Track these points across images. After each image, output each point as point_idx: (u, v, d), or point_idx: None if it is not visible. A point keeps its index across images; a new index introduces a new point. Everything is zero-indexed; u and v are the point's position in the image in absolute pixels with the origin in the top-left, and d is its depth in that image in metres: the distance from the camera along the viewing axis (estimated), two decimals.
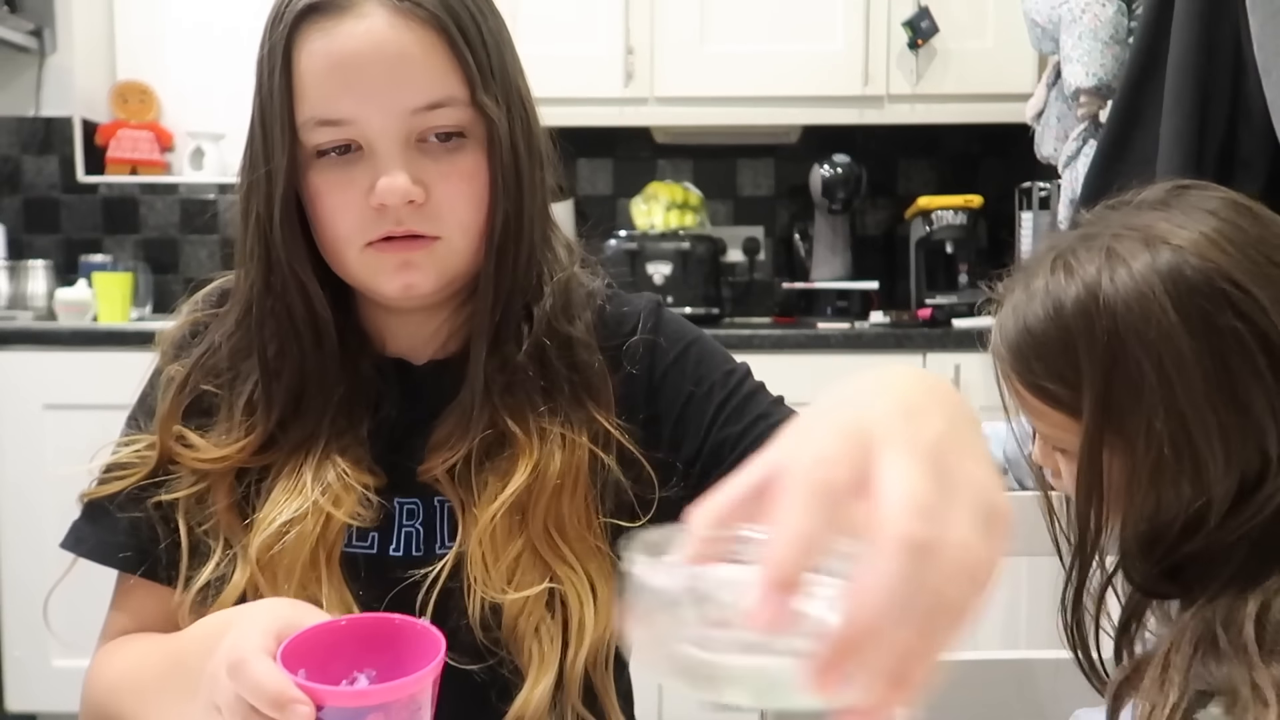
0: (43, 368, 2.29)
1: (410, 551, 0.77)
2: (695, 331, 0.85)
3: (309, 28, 0.71)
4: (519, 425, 0.75)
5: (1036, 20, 1.81)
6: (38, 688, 2.30)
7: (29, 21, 2.70)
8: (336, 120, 0.71)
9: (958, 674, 0.92)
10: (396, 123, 0.71)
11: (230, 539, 0.75)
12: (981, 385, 2.26)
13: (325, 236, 0.74)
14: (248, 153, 0.75)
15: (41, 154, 2.83)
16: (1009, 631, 2.29)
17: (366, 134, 0.71)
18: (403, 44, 0.70)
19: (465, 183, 0.73)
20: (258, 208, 0.74)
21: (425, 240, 0.73)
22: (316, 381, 0.77)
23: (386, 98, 0.70)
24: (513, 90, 0.75)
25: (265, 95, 0.73)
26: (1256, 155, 1.35)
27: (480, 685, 0.74)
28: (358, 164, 0.72)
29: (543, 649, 0.73)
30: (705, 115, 2.53)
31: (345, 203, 0.72)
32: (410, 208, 0.72)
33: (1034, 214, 2.33)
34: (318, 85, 0.71)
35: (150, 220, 2.87)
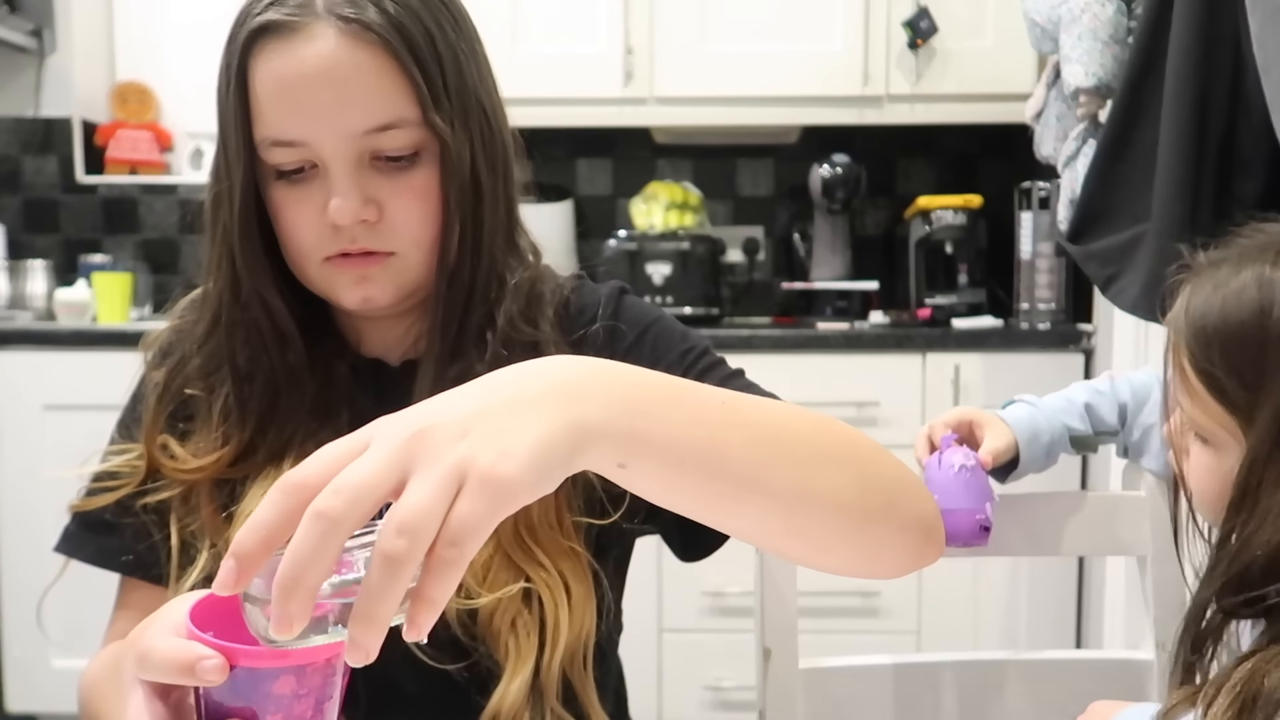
0: (42, 368, 2.29)
1: None
2: (656, 314, 0.86)
3: (262, 48, 0.72)
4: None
5: (1036, 20, 1.81)
6: (38, 688, 2.30)
7: (29, 21, 2.70)
8: (290, 141, 0.72)
9: (958, 674, 0.92)
10: (347, 144, 0.72)
11: (214, 540, 0.76)
12: (982, 385, 2.27)
13: (287, 251, 0.76)
14: (214, 165, 0.77)
15: (41, 154, 2.83)
16: (1009, 631, 2.29)
17: (319, 154, 0.72)
18: (351, 66, 0.71)
19: (418, 200, 0.74)
20: (223, 219, 0.75)
21: (380, 256, 0.75)
22: (289, 385, 0.78)
23: (336, 120, 0.71)
24: (471, 104, 0.75)
25: (223, 112, 0.74)
26: (1256, 154, 1.35)
27: (459, 683, 0.74)
28: (314, 182, 0.73)
29: (519, 644, 0.73)
30: (705, 115, 2.53)
31: (303, 220, 0.74)
32: (364, 226, 0.73)
33: (1034, 214, 2.33)
34: (271, 107, 0.72)
35: (150, 220, 2.87)
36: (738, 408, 0.58)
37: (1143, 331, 1.92)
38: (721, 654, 2.27)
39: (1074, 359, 2.25)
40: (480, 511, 0.43)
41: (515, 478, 0.44)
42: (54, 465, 2.45)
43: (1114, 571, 2.03)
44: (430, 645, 0.73)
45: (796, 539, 0.61)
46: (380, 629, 0.42)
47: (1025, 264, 2.36)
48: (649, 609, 2.25)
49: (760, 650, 0.89)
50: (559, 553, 0.75)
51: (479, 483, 0.43)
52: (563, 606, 0.74)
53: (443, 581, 0.43)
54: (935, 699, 0.91)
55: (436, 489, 0.42)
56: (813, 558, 0.64)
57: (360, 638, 0.42)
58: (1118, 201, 1.58)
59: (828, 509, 0.60)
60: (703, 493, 0.55)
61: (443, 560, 0.42)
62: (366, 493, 0.42)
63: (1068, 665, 0.93)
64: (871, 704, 0.90)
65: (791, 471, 0.58)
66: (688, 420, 0.53)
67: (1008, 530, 0.92)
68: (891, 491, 0.64)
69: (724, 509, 0.56)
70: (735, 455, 0.55)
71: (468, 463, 0.43)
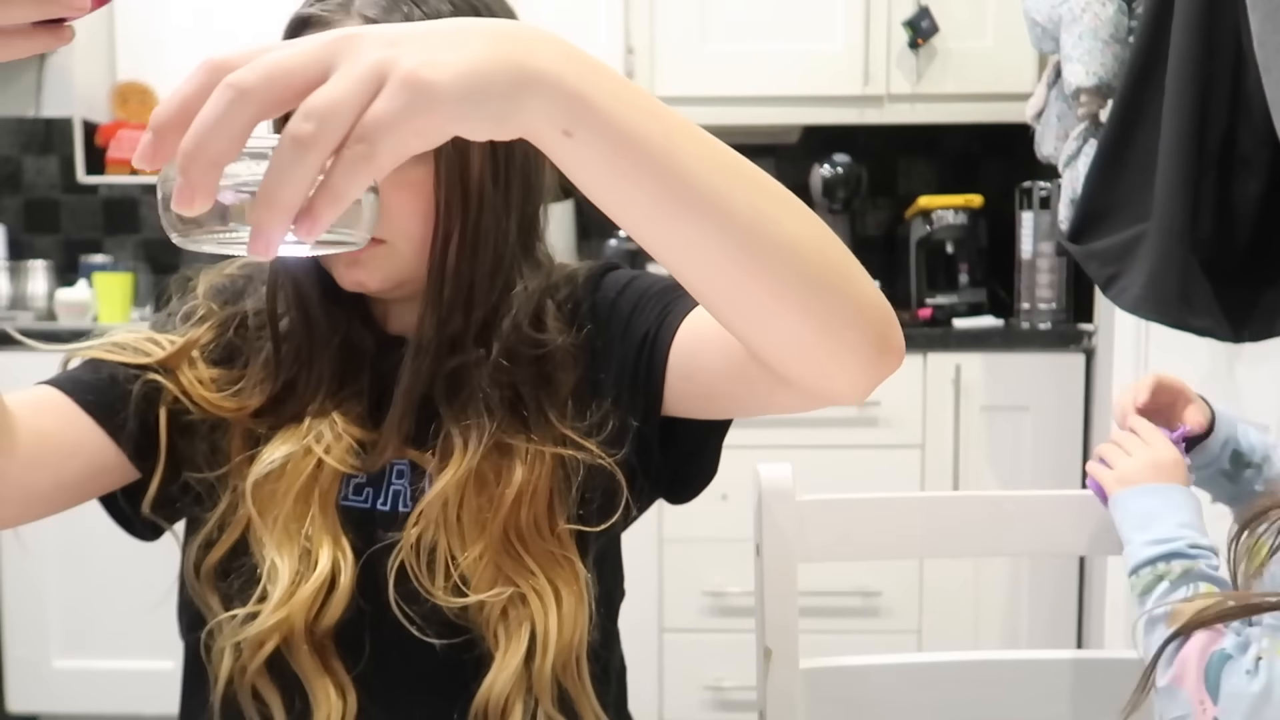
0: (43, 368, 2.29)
1: (396, 507, 0.79)
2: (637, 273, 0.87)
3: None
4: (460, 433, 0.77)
5: (1037, 19, 1.81)
6: (38, 688, 2.30)
7: None
8: None
9: (958, 674, 0.92)
10: None
11: (238, 483, 0.78)
12: (982, 385, 2.27)
13: None
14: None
15: (42, 154, 2.83)
16: (1009, 631, 2.29)
17: None
18: None
19: (410, 194, 0.76)
20: None
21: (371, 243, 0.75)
22: (319, 349, 0.82)
23: None
24: None
25: None
26: (1257, 153, 1.35)
27: (447, 663, 0.75)
28: None
29: (509, 633, 0.74)
30: (705, 115, 2.53)
31: None
32: None
33: (1034, 214, 2.33)
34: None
35: (150, 220, 2.88)
36: (698, 130, 0.54)
37: (1143, 331, 1.92)
38: (721, 654, 2.27)
39: (1075, 359, 2.25)
40: (396, 109, 0.42)
41: (439, 84, 0.43)
42: None
43: (1114, 571, 2.03)
44: (421, 618, 0.74)
45: (747, 276, 0.56)
46: (282, 214, 0.41)
47: (1026, 264, 2.36)
48: (649, 609, 2.25)
49: (760, 650, 0.89)
50: (550, 561, 0.76)
51: (399, 83, 0.42)
52: (552, 615, 0.74)
53: (349, 175, 0.42)
54: (935, 699, 0.91)
55: (353, 82, 0.42)
56: (763, 317, 0.59)
57: (262, 222, 0.41)
58: (1118, 201, 1.58)
59: (785, 248, 0.55)
60: (651, 188, 0.52)
61: (352, 154, 0.42)
62: (281, 75, 0.42)
63: (1068, 665, 0.93)
64: (872, 704, 0.90)
65: (749, 196, 0.54)
66: (642, 110, 0.51)
67: (1008, 530, 0.92)
68: (850, 264, 0.60)
69: (671, 216, 0.53)
70: (689, 162, 0.52)
71: (391, 63, 0.43)
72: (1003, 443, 2.27)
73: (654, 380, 0.79)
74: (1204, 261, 1.39)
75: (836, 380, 0.62)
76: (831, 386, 0.63)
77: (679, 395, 0.80)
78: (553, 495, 0.77)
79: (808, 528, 0.89)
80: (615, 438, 0.79)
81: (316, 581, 0.73)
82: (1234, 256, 1.39)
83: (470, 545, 0.75)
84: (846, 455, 2.24)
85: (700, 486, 0.86)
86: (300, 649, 0.74)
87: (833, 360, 0.61)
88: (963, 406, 2.25)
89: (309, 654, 0.74)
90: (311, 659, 0.74)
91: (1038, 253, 2.34)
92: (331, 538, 0.76)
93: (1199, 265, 1.39)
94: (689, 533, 2.20)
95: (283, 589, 0.73)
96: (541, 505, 0.77)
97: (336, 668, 0.75)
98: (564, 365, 0.80)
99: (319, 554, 0.75)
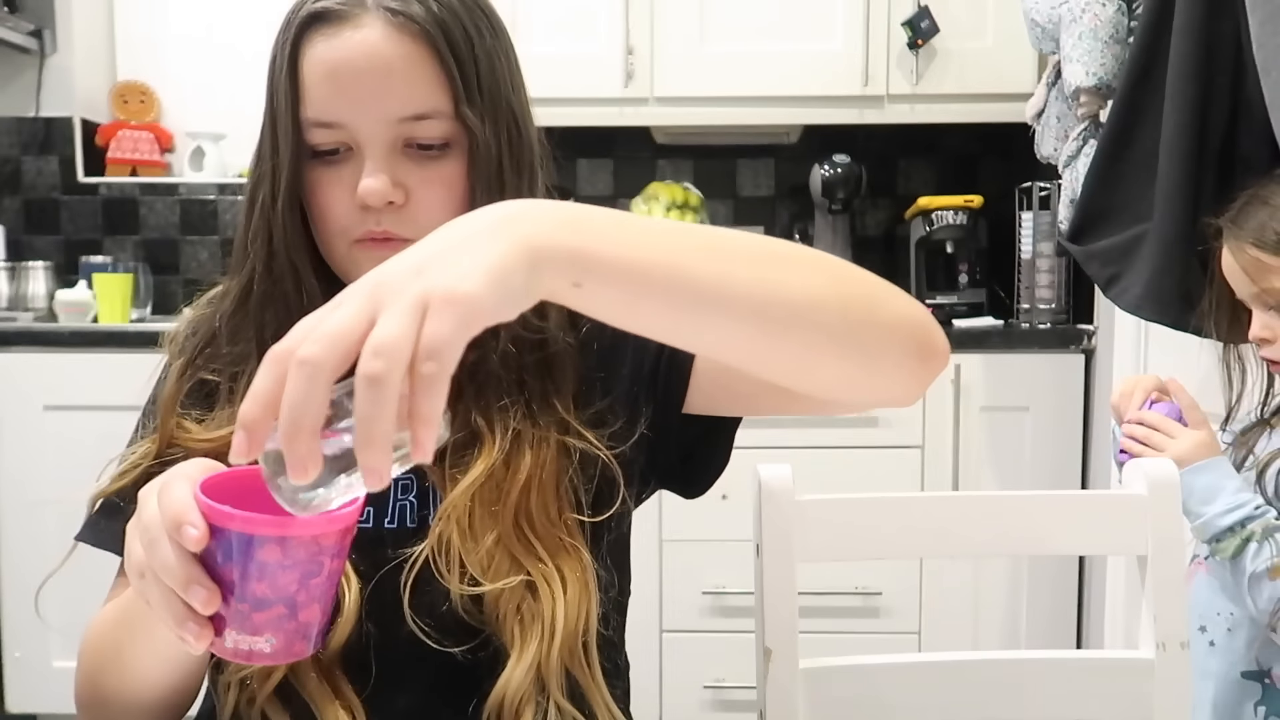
0: (43, 369, 2.29)
1: (404, 523, 0.79)
2: None
3: (313, 34, 0.76)
4: (486, 422, 0.78)
5: (1036, 20, 1.82)
6: (38, 688, 2.30)
7: (29, 22, 2.70)
8: (330, 123, 0.76)
9: (958, 674, 0.92)
10: (383, 129, 0.75)
11: None
12: (982, 385, 2.27)
13: (319, 230, 0.79)
14: (259, 147, 0.80)
15: (42, 155, 2.83)
16: (1009, 631, 2.29)
17: (356, 137, 0.76)
18: (394, 56, 0.75)
19: (445, 189, 0.77)
20: (264, 197, 0.78)
21: (403, 242, 0.76)
22: None
23: (375, 105, 0.75)
24: (501, 105, 0.79)
25: (273, 94, 0.78)
26: (1257, 154, 1.35)
27: (466, 668, 0.75)
28: (348, 164, 0.77)
29: (524, 629, 0.74)
30: (705, 115, 2.53)
31: (335, 199, 0.77)
32: (390, 209, 0.76)
33: (1034, 214, 2.33)
34: (316, 89, 0.76)
35: (150, 221, 2.87)
36: (690, 229, 0.60)
37: (1143, 331, 1.92)
38: (721, 654, 2.27)
39: (1075, 359, 2.25)
40: (449, 327, 0.47)
41: (476, 293, 0.48)
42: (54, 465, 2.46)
43: (1114, 571, 2.03)
44: (436, 629, 0.74)
45: (777, 347, 0.60)
46: (382, 449, 0.46)
47: (1026, 264, 2.36)
48: (649, 609, 2.25)
49: (760, 650, 0.89)
50: (557, 548, 0.76)
51: (442, 303, 0.47)
52: (559, 601, 0.74)
53: (429, 397, 0.46)
54: (935, 699, 0.91)
55: (403, 316, 0.46)
56: (803, 372, 0.63)
57: (370, 461, 0.46)
58: (1118, 201, 1.59)
59: (803, 309, 0.60)
60: (665, 308, 0.57)
61: (424, 377, 0.46)
62: (341, 337, 0.46)
63: (1068, 665, 0.93)
64: (872, 704, 0.90)
65: (752, 272, 0.59)
66: (636, 239, 0.56)
67: (1008, 530, 0.92)
68: (870, 290, 0.64)
69: (691, 323, 0.58)
70: (692, 266, 0.57)
71: (429, 291, 0.47)
72: (1003, 443, 2.27)
73: (673, 391, 0.81)
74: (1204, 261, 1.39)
75: (885, 395, 0.67)
76: (881, 400, 0.69)
77: (706, 399, 0.81)
78: (558, 482, 0.78)
79: (808, 528, 0.88)
80: (619, 434, 0.80)
81: None
82: None
83: (485, 534, 0.75)
84: (846, 455, 2.24)
85: (713, 478, 0.87)
86: (308, 675, 0.73)
87: (878, 382, 0.65)
88: (962, 407, 2.25)
89: (317, 680, 0.74)
90: (320, 685, 0.74)
91: (1037, 253, 2.34)
92: None
93: (1199, 265, 1.40)
94: (689, 533, 2.20)
95: None
96: (549, 492, 0.77)
97: (345, 690, 0.74)
98: (566, 354, 0.81)
99: None
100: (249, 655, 0.54)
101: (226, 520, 0.52)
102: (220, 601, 0.53)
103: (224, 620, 0.53)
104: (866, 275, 0.65)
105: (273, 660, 0.54)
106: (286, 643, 0.54)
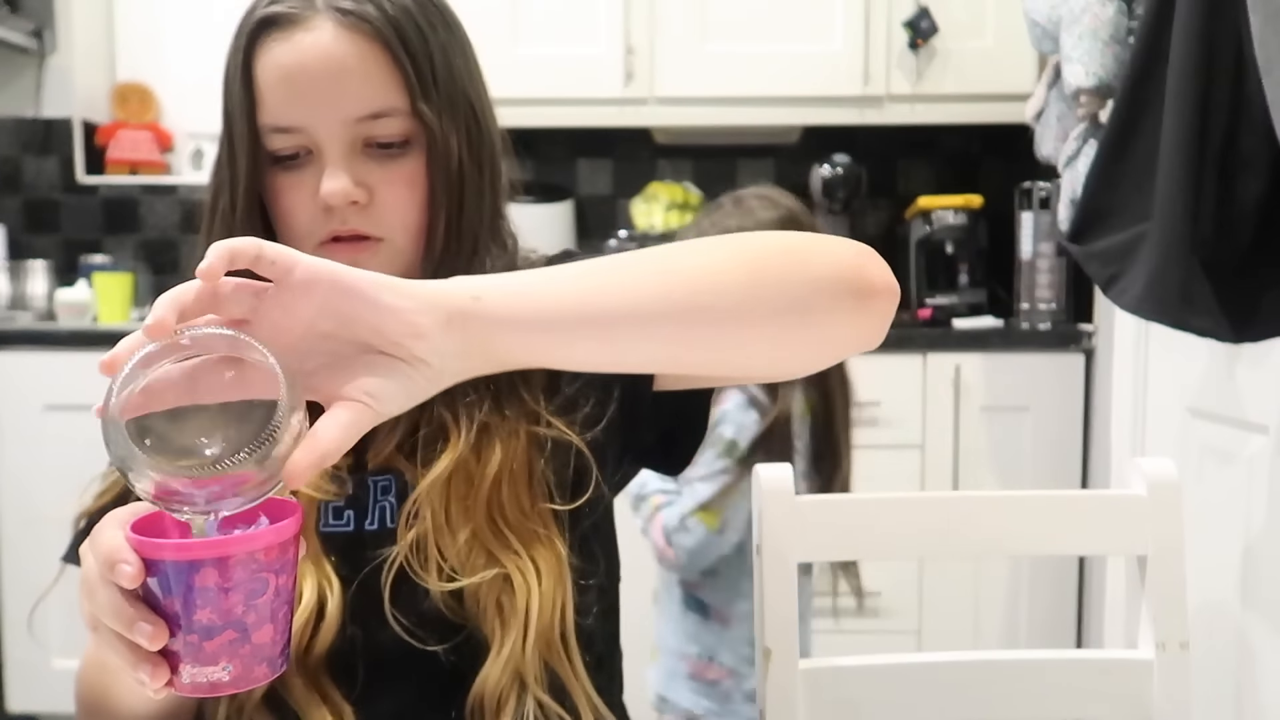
0: (43, 368, 2.29)
1: (385, 524, 0.78)
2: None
3: (266, 39, 0.76)
4: (452, 416, 0.78)
5: (1036, 20, 1.81)
6: (38, 688, 2.30)
7: (29, 22, 2.70)
8: (288, 127, 0.76)
9: (958, 674, 0.92)
10: (341, 130, 0.76)
11: None
12: (982, 385, 2.27)
13: (283, 235, 0.79)
14: (217, 156, 0.81)
15: (41, 155, 2.83)
16: (1009, 631, 2.29)
17: (315, 140, 0.76)
18: (347, 56, 0.75)
19: (406, 187, 0.78)
20: (223, 206, 0.79)
21: (371, 242, 0.78)
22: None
23: (331, 106, 0.75)
24: (459, 100, 0.79)
25: (229, 103, 0.79)
26: (1257, 155, 1.34)
27: (448, 666, 0.75)
28: (308, 167, 0.77)
29: (504, 622, 0.74)
30: (705, 115, 2.53)
31: (297, 203, 0.77)
32: (354, 209, 0.76)
33: (1034, 214, 2.33)
34: (271, 94, 0.76)
35: (150, 221, 2.88)
36: (585, 267, 0.62)
37: (1143, 331, 1.92)
38: None
39: (1074, 359, 2.25)
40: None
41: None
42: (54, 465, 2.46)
43: (1114, 571, 2.03)
44: (418, 625, 0.74)
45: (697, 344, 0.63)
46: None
47: (1026, 264, 2.36)
48: (649, 609, 2.24)
49: (760, 650, 0.89)
50: (530, 539, 0.76)
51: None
52: (534, 592, 0.74)
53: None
54: (935, 699, 0.91)
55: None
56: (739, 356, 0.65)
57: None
58: (1119, 201, 1.58)
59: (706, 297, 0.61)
60: (592, 342, 0.60)
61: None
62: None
63: (1068, 665, 0.93)
64: (872, 704, 0.90)
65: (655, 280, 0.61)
66: (536, 296, 0.58)
67: (1008, 530, 0.92)
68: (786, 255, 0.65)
69: (610, 351, 0.61)
70: (600, 300, 0.59)
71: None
72: (1003, 443, 2.27)
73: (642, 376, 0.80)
74: (1204, 262, 1.39)
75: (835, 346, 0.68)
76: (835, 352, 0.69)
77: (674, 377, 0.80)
78: (530, 473, 0.78)
79: (807, 528, 0.89)
80: (590, 417, 0.80)
81: (303, 614, 0.73)
82: (1234, 257, 1.39)
83: (459, 529, 0.75)
84: None
85: (691, 453, 0.87)
86: (294, 681, 0.73)
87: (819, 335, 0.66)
88: (963, 406, 2.25)
89: (303, 686, 0.73)
90: (306, 690, 0.74)
91: (1037, 253, 2.34)
92: (314, 567, 0.75)
93: (1199, 266, 1.39)
94: None
95: None
96: (521, 483, 0.77)
97: (332, 694, 0.74)
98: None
99: (303, 584, 0.73)
100: (210, 688, 0.53)
101: (158, 551, 0.52)
102: (168, 636, 0.52)
103: (177, 656, 0.52)
104: (788, 240, 0.66)
105: (235, 688, 0.53)
106: (244, 668, 0.53)
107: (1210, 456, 1.70)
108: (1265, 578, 1.54)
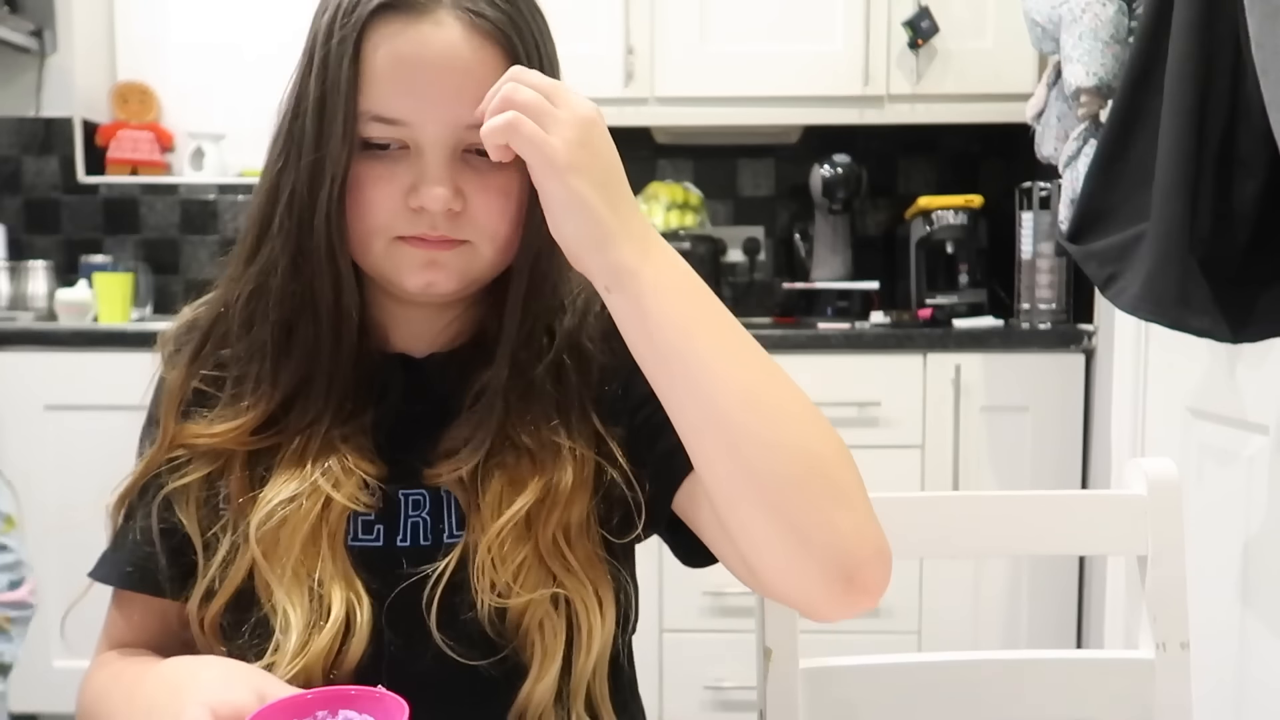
0: (43, 368, 2.29)
1: (418, 541, 0.77)
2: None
3: (384, 24, 0.71)
4: (532, 440, 0.76)
5: (1037, 20, 1.81)
6: (38, 688, 2.30)
7: (29, 22, 2.70)
8: (393, 119, 0.72)
9: (958, 674, 0.92)
10: (449, 133, 0.72)
11: (237, 522, 0.76)
12: (982, 385, 2.27)
13: (357, 226, 0.75)
14: (287, 134, 0.75)
15: (42, 154, 2.83)
16: (1009, 631, 2.29)
17: (419, 138, 0.72)
18: (472, 59, 0.71)
19: (502, 198, 0.74)
20: (299, 190, 0.74)
21: (455, 242, 0.75)
22: (326, 367, 0.77)
23: (446, 108, 0.72)
24: None
25: (329, 83, 0.72)
26: (1256, 154, 1.34)
27: (489, 680, 0.75)
28: (402, 162, 0.73)
29: (546, 644, 0.73)
30: (705, 115, 2.53)
31: (385, 196, 0.73)
32: (447, 214, 0.73)
33: (1034, 214, 2.33)
34: (382, 81, 0.71)
35: (150, 221, 2.88)
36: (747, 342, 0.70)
37: (1143, 332, 1.93)
38: (721, 654, 2.27)
39: (1074, 359, 2.26)
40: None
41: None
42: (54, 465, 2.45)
43: (1114, 571, 2.03)
44: (460, 642, 0.73)
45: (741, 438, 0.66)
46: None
47: (1026, 264, 2.36)
48: (649, 609, 2.25)
49: (760, 650, 0.89)
50: (590, 562, 0.76)
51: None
52: (594, 613, 0.74)
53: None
54: (936, 699, 0.91)
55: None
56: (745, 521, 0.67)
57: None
58: (1118, 201, 1.58)
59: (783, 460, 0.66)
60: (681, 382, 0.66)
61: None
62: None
63: (1068, 665, 0.93)
64: (872, 704, 0.90)
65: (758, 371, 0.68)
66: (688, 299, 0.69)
67: (1008, 530, 0.92)
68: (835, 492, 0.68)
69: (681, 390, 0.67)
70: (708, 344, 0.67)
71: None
72: (1003, 443, 2.27)
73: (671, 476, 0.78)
74: (1203, 262, 1.39)
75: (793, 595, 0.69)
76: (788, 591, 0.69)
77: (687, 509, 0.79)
78: (592, 499, 0.77)
79: None
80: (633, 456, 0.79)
81: (332, 629, 0.71)
82: (1233, 257, 1.39)
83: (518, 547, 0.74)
84: None
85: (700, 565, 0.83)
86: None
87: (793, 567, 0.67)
88: (963, 406, 2.25)
89: None
90: None
91: (1038, 253, 2.34)
92: (344, 581, 0.73)
93: (1198, 266, 1.39)
94: None
95: (296, 639, 0.71)
96: (584, 507, 0.76)
97: None
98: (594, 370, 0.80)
99: (331, 599, 0.72)
100: None
101: None
102: None
103: None
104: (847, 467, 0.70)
105: None
106: None
107: (1210, 456, 1.70)
108: (1265, 578, 1.54)
